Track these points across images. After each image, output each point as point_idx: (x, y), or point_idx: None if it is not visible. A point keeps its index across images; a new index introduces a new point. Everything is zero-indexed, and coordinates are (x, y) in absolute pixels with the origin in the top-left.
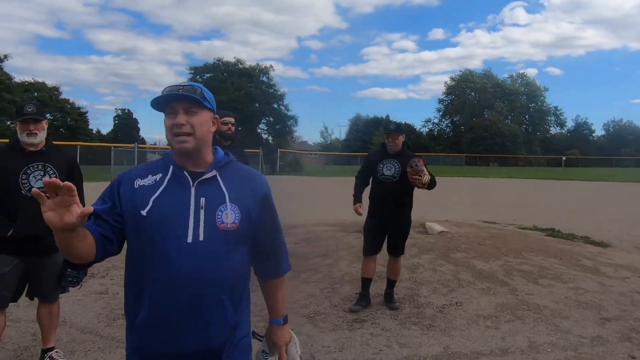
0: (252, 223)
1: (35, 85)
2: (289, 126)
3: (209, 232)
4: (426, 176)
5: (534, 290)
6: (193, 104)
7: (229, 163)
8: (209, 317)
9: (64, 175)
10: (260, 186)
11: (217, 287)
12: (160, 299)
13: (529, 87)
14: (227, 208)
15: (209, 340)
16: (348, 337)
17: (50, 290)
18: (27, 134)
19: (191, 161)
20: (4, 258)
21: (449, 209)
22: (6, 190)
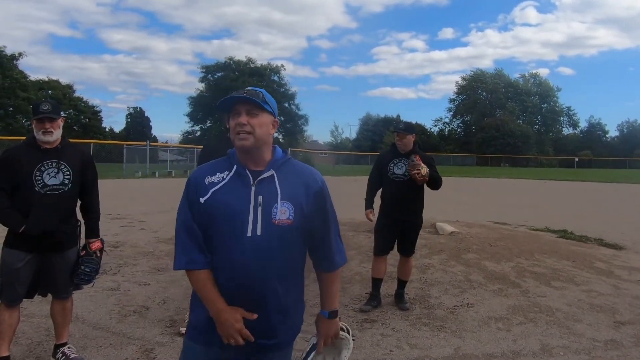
0: (305, 218)
1: (49, 83)
2: (299, 125)
3: (266, 228)
4: (424, 168)
5: (546, 293)
6: (254, 106)
7: (287, 161)
8: (264, 302)
9: (78, 173)
10: (314, 182)
11: (272, 278)
12: (224, 283)
13: (542, 87)
14: (283, 205)
15: (264, 320)
16: (358, 337)
17: (64, 287)
18: (43, 132)
19: (252, 160)
20: (18, 254)
21: (460, 210)
22: (20, 187)
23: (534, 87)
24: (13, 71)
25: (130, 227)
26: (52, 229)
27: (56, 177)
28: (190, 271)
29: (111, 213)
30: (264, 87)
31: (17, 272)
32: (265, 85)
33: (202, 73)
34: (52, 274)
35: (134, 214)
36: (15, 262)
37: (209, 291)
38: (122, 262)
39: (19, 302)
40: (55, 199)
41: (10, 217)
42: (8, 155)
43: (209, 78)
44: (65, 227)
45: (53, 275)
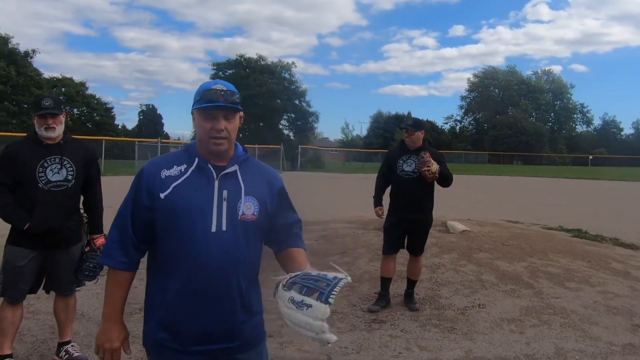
0: (268, 215)
1: (63, 81)
2: (310, 122)
3: (231, 223)
4: (434, 165)
5: (560, 294)
6: (231, 111)
7: (247, 158)
8: (229, 300)
9: (81, 169)
10: (276, 179)
11: (236, 273)
12: (187, 281)
13: (555, 84)
14: (248, 201)
15: (229, 319)
16: (366, 338)
17: (67, 284)
18: (45, 128)
19: (215, 157)
20: (21, 251)
21: (472, 208)
22: (24, 184)
23: (547, 84)
24: (27, 68)
25: None
26: (57, 225)
27: (59, 174)
28: (109, 268)
29: None
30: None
31: (20, 270)
32: (275, 82)
33: (213, 70)
34: (55, 270)
35: None
36: (18, 259)
37: (116, 295)
38: None
39: (23, 299)
40: (59, 195)
41: (14, 214)
42: (10, 151)
43: (220, 75)
44: (70, 223)
45: (56, 272)
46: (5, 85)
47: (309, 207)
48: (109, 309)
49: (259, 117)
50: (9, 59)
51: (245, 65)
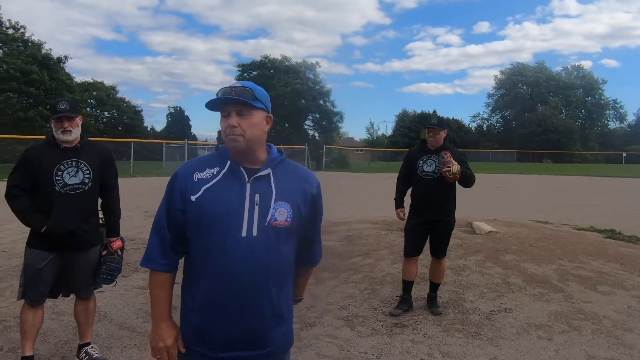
0: (302, 220)
1: (94, 85)
2: (334, 122)
3: (262, 228)
4: (455, 165)
5: (592, 298)
6: (245, 106)
7: (282, 161)
8: (258, 306)
9: (97, 171)
10: (311, 185)
11: (266, 279)
12: (215, 286)
13: (585, 79)
14: (281, 206)
15: (258, 325)
16: (387, 343)
17: (85, 287)
18: (62, 132)
19: (245, 158)
20: (40, 253)
21: (499, 208)
22: (41, 187)
23: (578, 80)
24: (59, 73)
25: None
26: (74, 228)
27: (76, 177)
28: (150, 270)
29: (148, 210)
30: (299, 85)
31: (39, 272)
32: (300, 82)
33: (239, 71)
34: (73, 273)
35: None
36: (38, 261)
37: (161, 296)
38: None
39: (43, 301)
40: (76, 198)
41: (32, 217)
42: (28, 154)
43: (245, 76)
44: (87, 226)
45: (74, 274)
46: (39, 90)
47: (333, 207)
48: (156, 311)
49: (284, 118)
50: (42, 64)
51: (270, 66)
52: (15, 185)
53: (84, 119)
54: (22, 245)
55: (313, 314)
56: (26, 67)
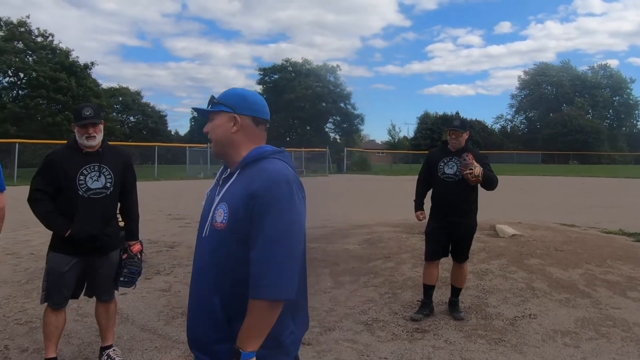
0: (238, 223)
1: (120, 90)
2: (355, 125)
3: (209, 230)
4: (477, 168)
5: (621, 304)
6: (210, 113)
7: (255, 161)
8: (196, 311)
9: (118, 176)
10: (255, 182)
11: (207, 285)
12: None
13: (613, 79)
14: (220, 207)
15: (198, 332)
16: (408, 349)
17: (106, 289)
18: (87, 137)
19: (227, 162)
20: (63, 257)
21: (523, 210)
22: (64, 191)
23: (604, 79)
24: (87, 80)
25: (188, 228)
26: (96, 232)
27: (98, 181)
28: None
29: (171, 213)
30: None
31: (63, 276)
32: (321, 85)
33: (260, 75)
34: (95, 276)
35: (193, 214)
36: (61, 265)
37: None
38: (176, 262)
39: (65, 304)
40: (98, 202)
41: (55, 221)
42: (52, 159)
43: (266, 80)
44: (109, 230)
45: (96, 277)
46: (66, 96)
47: (354, 210)
48: None
49: (305, 121)
50: (70, 71)
51: (291, 70)
52: (38, 189)
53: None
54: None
55: (333, 318)
56: (54, 74)
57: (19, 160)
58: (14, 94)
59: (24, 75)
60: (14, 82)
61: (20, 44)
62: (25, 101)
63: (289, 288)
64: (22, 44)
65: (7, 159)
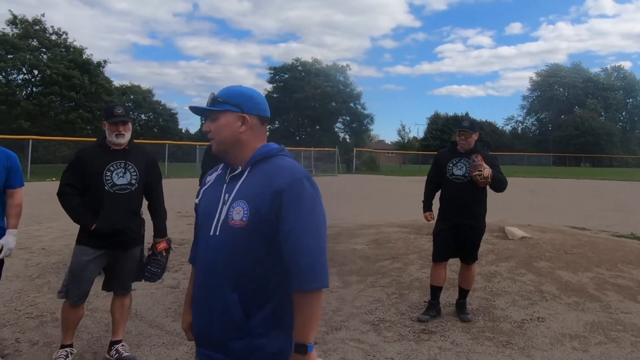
0: (262, 221)
1: (131, 88)
2: (365, 125)
3: (223, 228)
4: (486, 169)
5: (631, 309)
6: (210, 112)
7: (266, 159)
8: (212, 309)
9: (143, 173)
10: (277, 180)
11: (222, 283)
12: (194, 283)
13: (626, 80)
14: (238, 204)
15: (212, 331)
16: (414, 350)
17: (124, 284)
18: (117, 135)
19: (231, 161)
20: (87, 249)
21: (533, 213)
22: (92, 187)
23: (617, 81)
24: (99, 77)
25: None
26: (121, 227)
27: (124, 177)
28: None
29: (180, 211)
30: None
31: (85, 267)
32: (330, 85)
33: (270, 74)
34: (116, 270)
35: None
36: (84, 258)
37: (188, 286)
38: (185, 259)
39: (83, 301)
40: (123, 198)
41: (82, 214)
42: (81, 155)
43: (276, 79)
44: (133, 225)
45: (117, 271)
46: (79, 94)
47: (362, 210)
48: (185, 297)
49: (315, 120)
50: (83, 69)
51: (301, 69)
52: (68, 183)
53: None
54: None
55: (339, 318)
56: (68, 72)
57: (32, 156)
58: (28, 91)
59: (38, 73)
60: (29, 80)
61: (35, 42)
62: (39, 98)
63: (327, 276)
64: (36, 42)
65: (20, 155)
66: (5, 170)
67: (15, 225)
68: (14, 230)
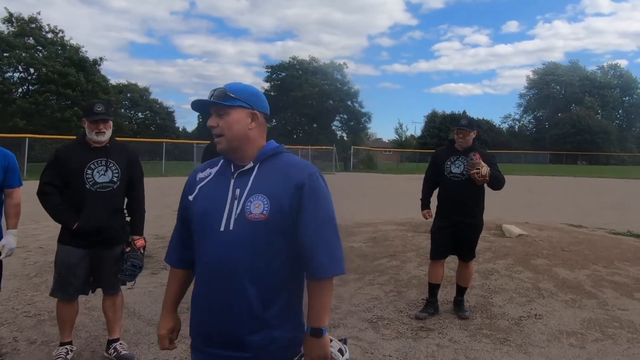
0: (284, 214)
1: (128, 86)
2: (362, 123)
3: (239, 222)
4: (484, 167)
5: (628, 306)
6: (219, 106)
7: (276, 155)
8: (230, 303)
9: (124, 171)
10: (297, 175)
11: (242, 277)
12: (200, 281)
13: (623, 79)
14: (257, 199)
15: (231, 325)
16: (412, 347)
17: (113, 282)
18: (97, 133)
19: (236, 157)
20: (72, 250)
21: (530, 210)
22: (72, 185)
23: (614, 79)
24: (95, 75)
25: None
26: (104, 225)
27: (105, 175)
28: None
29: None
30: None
31: (73, 268)
32: (328, 83)
33: (267, 73)
34: (101, 269)
35: None
36: (71, 257)
37: (169, 287)
38: None
39: (76, 297)
40: (105, 196)
41: (64, 213)
42: (60, 153)
43: (274, 78)
44: (115, 223)
45: (102, 270)
46: (75, 92)
47: (359, 208)
48: (164, 300)
49: (312, 118)
50: (79, 67)
51: (298, 67)
52: (47, 182)
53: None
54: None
55: (337, 315)
56: (64, 70)
57: (28, 155)
58: (24, 89)
59: (34, 71)
60: (24, 78)
61: (31, 40)
62: (35, 96)
63: (344, 263)
64: (32, 40)
65: (17, 153)
66: (3, 169)
67: (15, 225)
68: (14, 230)
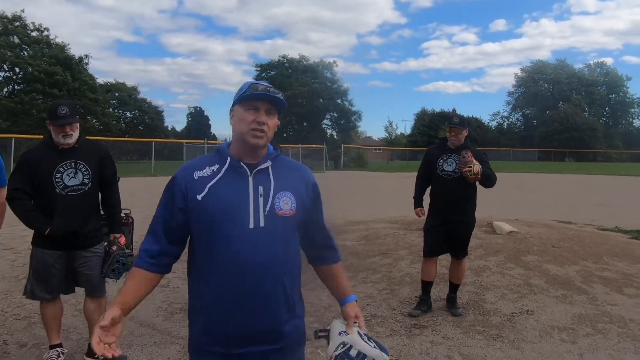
0: (306, 209)
1: (116, 85)
2: (352, 121)
3: (270, 219)
4: (476, 165)
5: (617, 301)
6: (273, 106)
7: (278, 156)
8: (271, 297)
9: (96, 170)
10: (309, 175)
11: (278, 271)
12: (225, 281)
13: (609, 76)
14: (284, 195)
15: (271, 320)
16: (406, 344)
17: (96, 285)
18: (63, 136)
19: (250, 154)
20: (46, 252)
21: (520, 208)
22: (42, 189)
23: (601, 77)
24: (82, 74)
25: None
26: (76, 228)
27: (76, 178)
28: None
29: None
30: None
31: (50, 268)
32: (318, 82)
33: (257, 71)
34: (82, 271)
35: None
36: (46, 259)
37: (128, 284)
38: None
39: (57, 295)
40: (77, 199)
41: (35, 219)
42: (28, 157)
43: (263, 76)
44: (90, 225)
45: (84, 272)
46: (62, 90)
47: (351, 206)
48: (123, 292)
49: (302, 117)
50: (65, 66)
51: (288, 66)
52: (16, 188)
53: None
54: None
55: (331, 314)
56: (50, 69)
57: (14, 155)
58: (10, 88)
59: (19, 70)
60: (10, 77)
61: (15, 39)
62: (21, 96)
63: None
64: (17, 39)
65: (2, 154)
66: None
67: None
68: None
